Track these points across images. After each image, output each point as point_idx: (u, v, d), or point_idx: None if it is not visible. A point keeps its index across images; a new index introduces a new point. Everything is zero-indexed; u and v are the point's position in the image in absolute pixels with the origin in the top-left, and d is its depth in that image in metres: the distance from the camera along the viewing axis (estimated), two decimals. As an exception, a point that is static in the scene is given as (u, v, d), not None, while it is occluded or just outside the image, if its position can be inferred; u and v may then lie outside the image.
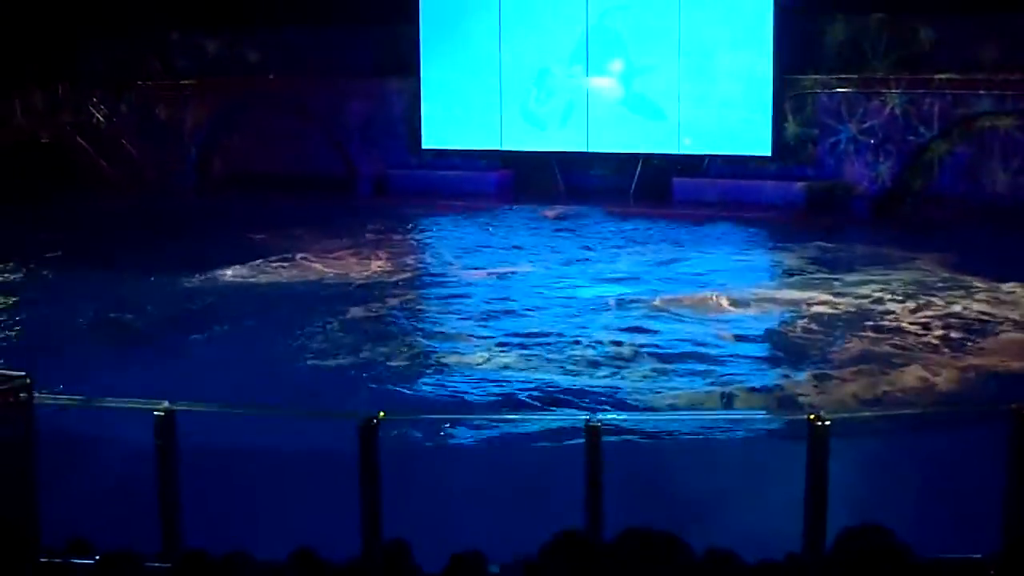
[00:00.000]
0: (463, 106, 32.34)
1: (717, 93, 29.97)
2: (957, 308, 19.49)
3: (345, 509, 8.61)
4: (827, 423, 8.62)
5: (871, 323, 18.78)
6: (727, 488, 10.97)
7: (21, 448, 10.21)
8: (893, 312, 19.43)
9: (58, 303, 20.43)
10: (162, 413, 9.10)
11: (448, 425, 13.69)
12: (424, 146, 32.83)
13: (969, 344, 17.49)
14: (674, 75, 30.30)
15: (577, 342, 17.73)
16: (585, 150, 31.38)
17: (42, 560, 6.34)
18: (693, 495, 10.64)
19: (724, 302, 20.20)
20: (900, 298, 20.25)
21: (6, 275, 23.21)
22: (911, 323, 18.72)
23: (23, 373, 10.47)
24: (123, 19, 33.47)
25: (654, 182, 30.75)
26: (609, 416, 11.15)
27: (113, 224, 28.34)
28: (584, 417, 9.16)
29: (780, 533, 8.24)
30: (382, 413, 9.25)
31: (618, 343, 17.61)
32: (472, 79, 32.18)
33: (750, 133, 29.70)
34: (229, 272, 23.00)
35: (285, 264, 23.73)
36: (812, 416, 8.83)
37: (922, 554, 5.24)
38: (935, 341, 17.70)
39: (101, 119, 35.08)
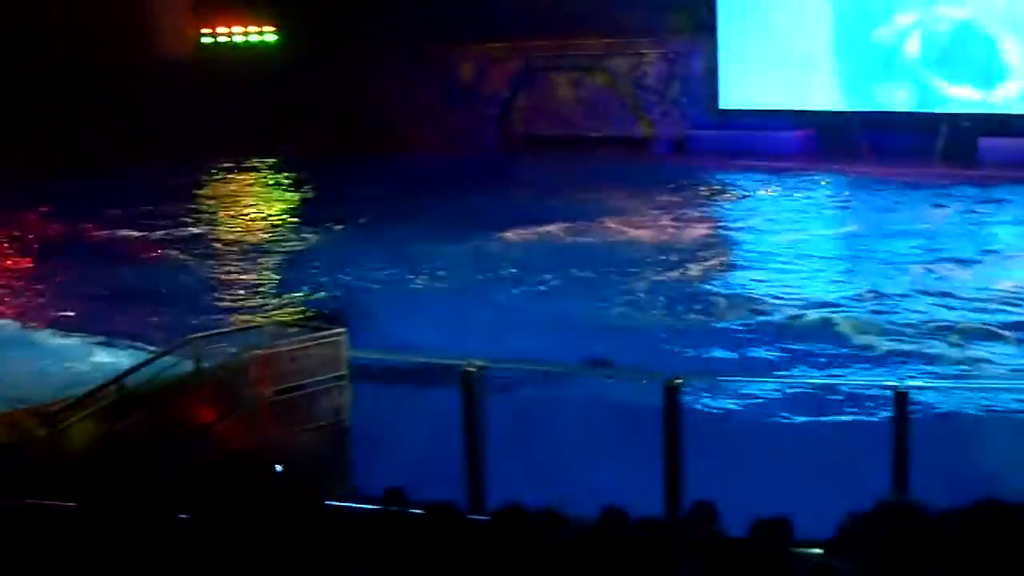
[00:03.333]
0: (762, 64, 31.73)
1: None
2: None
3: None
4: None
5: None
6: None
7: (338, 400, 10.75)
8: None
9: (372, 260, 21.08)
10: (473, 370, 9.36)
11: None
12: (721, 106, 32.55)
13: None
14: (987, 28, 29.20)
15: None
16: (889, 109, 30.52)
17: (366, 507, 6.63)
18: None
19: None
20: None
21: (327, 232, 24.17)
22: None
23: (342, 329, 11.01)
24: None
25: (959, 142, 29.54)
26: (916, 383, 10.79)
27: (424, 182, 28.88)
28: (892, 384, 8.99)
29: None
30: (679, 380, 9.28)
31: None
32: (770, 36, 31.58)
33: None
34: (535, 232, 23.21)
35: (589, 226, 23.71)
36: None
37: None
38: None
39: (407, 82, 35.97)
